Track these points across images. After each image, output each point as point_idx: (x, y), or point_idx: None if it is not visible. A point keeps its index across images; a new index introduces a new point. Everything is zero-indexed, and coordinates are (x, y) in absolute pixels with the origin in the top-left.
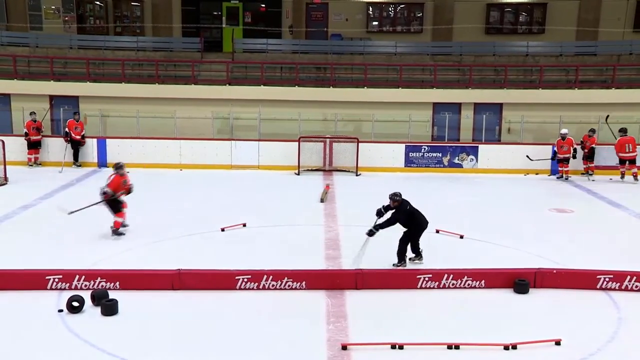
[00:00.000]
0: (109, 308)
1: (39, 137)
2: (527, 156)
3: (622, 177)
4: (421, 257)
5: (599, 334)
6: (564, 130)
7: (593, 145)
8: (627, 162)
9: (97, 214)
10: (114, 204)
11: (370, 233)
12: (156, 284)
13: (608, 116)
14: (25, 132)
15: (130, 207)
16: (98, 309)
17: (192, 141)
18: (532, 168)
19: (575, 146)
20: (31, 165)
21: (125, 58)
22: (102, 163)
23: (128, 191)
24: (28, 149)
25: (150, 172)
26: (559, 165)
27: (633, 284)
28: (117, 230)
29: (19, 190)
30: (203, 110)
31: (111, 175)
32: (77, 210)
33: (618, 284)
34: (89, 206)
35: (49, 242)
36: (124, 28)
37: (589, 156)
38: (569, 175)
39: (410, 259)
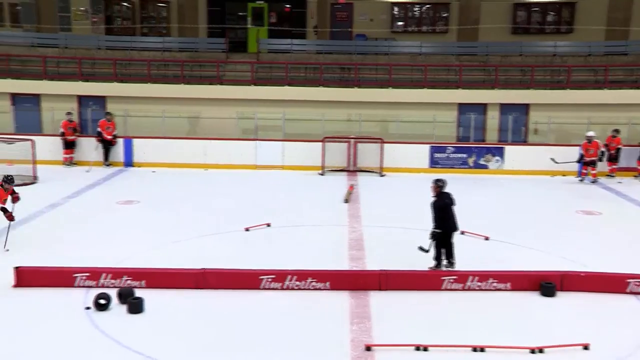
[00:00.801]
0: (135, 306)
1: (74, 137)
2: (552, 159)
3: None
4: (452, 265)
5: (628, 339)
6: (590, 133)
7: (619, 146)
8: None
9: (123, 213)
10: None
11: (433, 236)
12: (181, 282)
13: None
14: (62, 132)
15: (156, 205)
16: (124, 307)
17: (217, 141)
18: (558, 170)
19: (602, 149)
20: (67, 165)
21: (151, 58)
22: (128, 162)
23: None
24: (64, 148)
25: (175, 172)
26: (582, 168)
27: None
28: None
29: (48, 189)
30: (228, 110)
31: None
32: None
33: None
34: None
35: (76, 240)
36: (150, 29)
37: (615, 157)
38: (597, 177)
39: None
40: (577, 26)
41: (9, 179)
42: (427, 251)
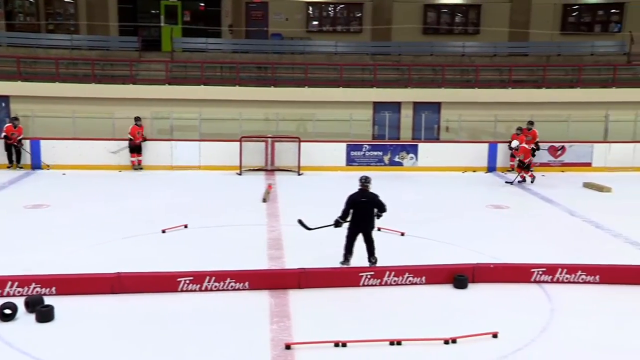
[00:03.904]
0: (45, 314)
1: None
2: (508, 182)
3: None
4: (372, 263)
5: (532, 325)
6: (514, 143)
7: (522, 144)
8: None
9: (31, 218)
10: (136, 147)
11: (336, 223)
12: (95, 288)
13: None
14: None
15: (67, 209)
16: (32, 316)
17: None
18: (469, 166)
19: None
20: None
21: (59, 57)
22: (36, 165)
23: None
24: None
25: (87, 174)
26: (518, 171)
27: (564, 276)
28: (139, 166)
29: None
30: (142, 110)
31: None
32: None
33: (550, 276)
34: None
35: None
36: (56, 26)
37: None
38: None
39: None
40: (482, 27)
41: (139, 118)
42: (307, 228)
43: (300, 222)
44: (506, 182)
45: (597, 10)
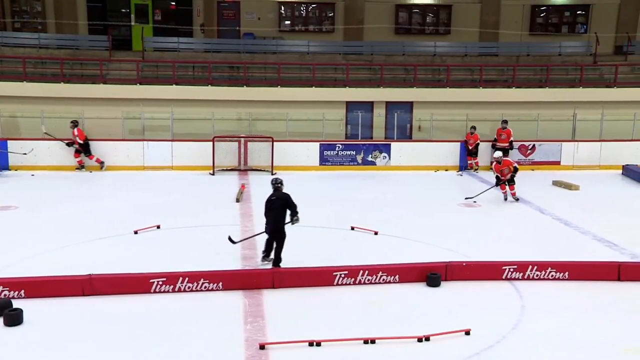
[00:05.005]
0: (13, 318)
1: None
2: (470, 198)
3: None
4: (265, 259)
5: (504, 323)
6: (497, 154)
7: (477, 142)
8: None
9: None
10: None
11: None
12: (65, 290)
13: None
14: None
15: (36, 210)
16: (0, 320)
17: (102, 142)
18: (441, 164)
19: (514, 165)
20: None
21: (26, 55)
22: (3, 166)
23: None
24: None
25: (56, 175)
26: (501, 187)
27: (534, 273)
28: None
29: None
30: (113, 110)
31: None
32: None
33: (521, 273)
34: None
35: None
36: (23, 24)
37: (474, 152)
38: (515, 195)
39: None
40: (453, 27)
41: (73, 121)
42: (232, 242)
43: (229, 238)
44: (467, 198)
45: (564, 12)
